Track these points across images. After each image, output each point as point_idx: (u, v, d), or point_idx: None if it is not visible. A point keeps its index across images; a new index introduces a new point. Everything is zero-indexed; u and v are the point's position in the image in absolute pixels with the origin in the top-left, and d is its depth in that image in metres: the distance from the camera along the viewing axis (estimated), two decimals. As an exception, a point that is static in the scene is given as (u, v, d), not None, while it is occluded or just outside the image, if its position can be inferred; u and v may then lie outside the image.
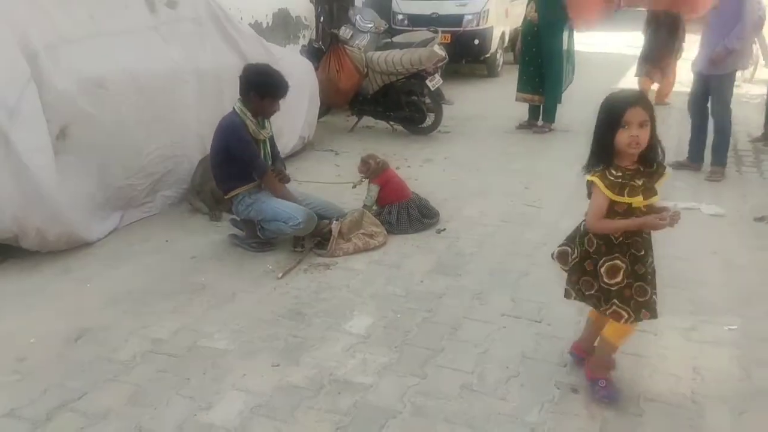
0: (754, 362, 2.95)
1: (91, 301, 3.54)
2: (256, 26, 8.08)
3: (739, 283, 3.73)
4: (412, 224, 4.49)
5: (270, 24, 8.69)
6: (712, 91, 5.67)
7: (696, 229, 4.53)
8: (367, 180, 4.68)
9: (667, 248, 4.18)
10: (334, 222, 4.18)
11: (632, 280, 2.52)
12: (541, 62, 7.27)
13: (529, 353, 3.02)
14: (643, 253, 2.53)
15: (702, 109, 5.83)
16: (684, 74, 8.70)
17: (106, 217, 4.45)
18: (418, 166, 6.19)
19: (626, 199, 2.44)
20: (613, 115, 2.41)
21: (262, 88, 4.02)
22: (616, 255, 2.51)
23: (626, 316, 2.52)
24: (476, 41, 10.68)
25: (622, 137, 2.38)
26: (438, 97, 7.22)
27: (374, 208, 4.59)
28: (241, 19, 7.09)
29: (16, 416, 2.61)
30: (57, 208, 3.94)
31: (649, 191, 2.46)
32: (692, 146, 5.97)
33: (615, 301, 2.52)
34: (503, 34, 11.65)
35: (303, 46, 8.61)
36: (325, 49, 7.48)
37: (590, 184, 2.51)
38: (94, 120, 4.24)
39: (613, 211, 2.48)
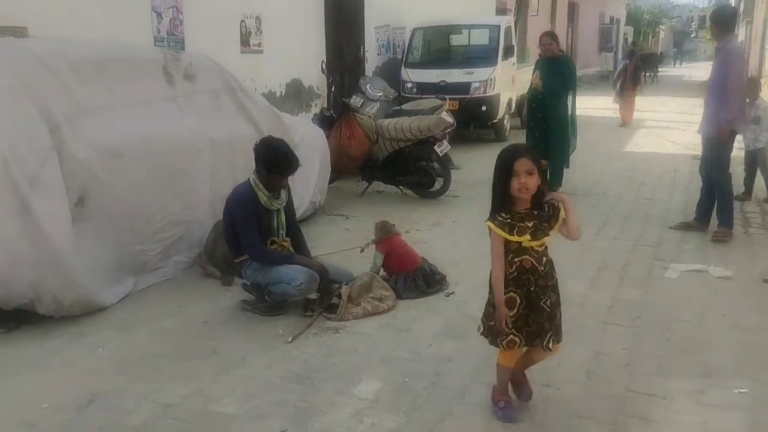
0: (765, 425, 2.93)
1: (103, 365, 3.59)
2: (270, 95, 8.34)
3: (748, 346, 3.71)
4: (420, 294, 4.50)
5: (283, 93, 8.97)
6: (711, 153, 5.75)
7: (704, 291, 4.54)
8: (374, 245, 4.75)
9: (676, 311, 4.21)
10: (344, 286, 4.24)
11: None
12: (546, 128, 7.42)
13: (539, 419, 3.01)
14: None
15: (709, 170, 5.89)
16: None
17: (120, 283, 4.53)
18: (427, 229, 6.27)
19: (515, 238, 2.80)
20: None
21: (269, 164, 4.16)
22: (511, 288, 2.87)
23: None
24: (484, 108, 10.92)
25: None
26: (446, 162, 7.38)
27: (381, 274, 4.63)
28: (255, 89, 7.33)
29: (25, 482, 2.63)
30: (73, 273, 4.04)
31: (540, 232, 2.82)
32: (699, 206, 6.01)
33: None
34: (510, 100, 11.93)
35: (315, 114, 8.86)
36: (336, 117, 7.71)
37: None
38: (111, 188, 4.39)
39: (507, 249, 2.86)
